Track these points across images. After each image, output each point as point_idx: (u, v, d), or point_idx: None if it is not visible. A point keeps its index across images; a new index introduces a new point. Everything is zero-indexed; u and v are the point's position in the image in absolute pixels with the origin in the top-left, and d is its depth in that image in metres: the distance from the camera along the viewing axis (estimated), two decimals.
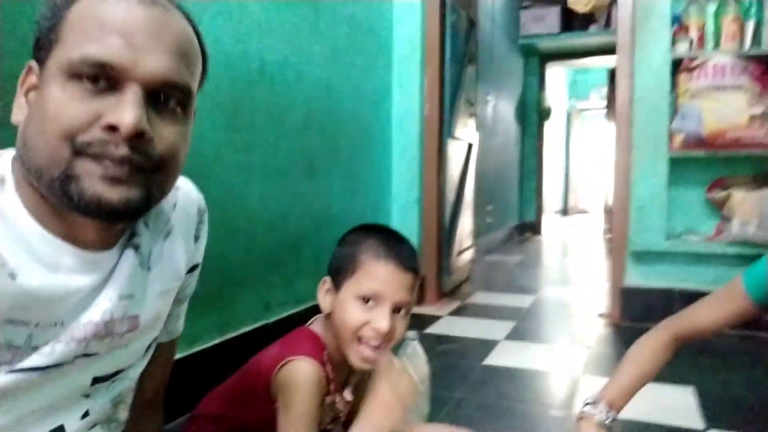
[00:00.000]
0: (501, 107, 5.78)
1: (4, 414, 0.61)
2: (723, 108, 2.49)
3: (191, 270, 0.83)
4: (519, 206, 6.97)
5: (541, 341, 2.53)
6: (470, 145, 4.08)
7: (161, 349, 0.83)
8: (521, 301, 3.31)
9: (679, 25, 2.64)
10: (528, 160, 7.12)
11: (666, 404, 1.81)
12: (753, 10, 2.53)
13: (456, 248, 3.64)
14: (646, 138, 2.67)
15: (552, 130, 8.42)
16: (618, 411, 1.22)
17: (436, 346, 2.36)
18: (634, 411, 1.70)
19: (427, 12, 3.08)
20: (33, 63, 0.64)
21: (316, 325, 1.10)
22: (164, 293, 0.77)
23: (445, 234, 3.40)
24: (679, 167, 2.67)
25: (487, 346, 2.39)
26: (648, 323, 2.64)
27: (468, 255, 4.07)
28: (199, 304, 1.77)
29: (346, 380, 1.11)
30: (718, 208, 2.67)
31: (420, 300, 3.08)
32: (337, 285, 1.05)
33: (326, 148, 2.40)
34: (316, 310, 1.02)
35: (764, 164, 2.59)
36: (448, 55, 3.24)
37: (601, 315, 2.93)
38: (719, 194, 2.64)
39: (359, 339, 1.00)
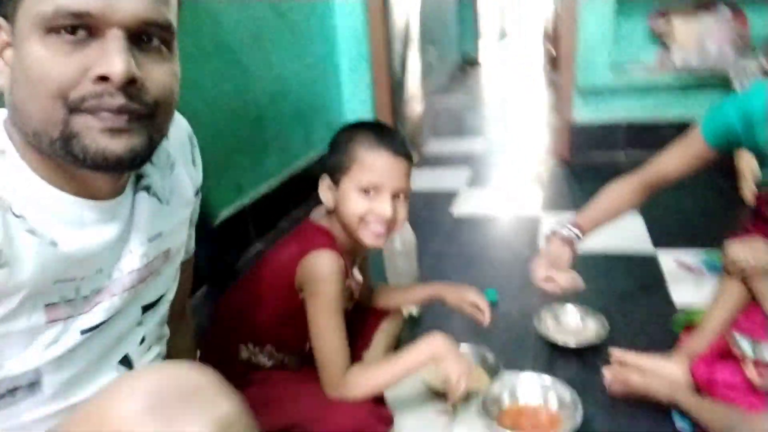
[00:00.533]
0: None
1: (81, 359, 0.69)
2: None
3: (196, 193, 0.86)
4: (459, 40, 6.86)
5: (499, 185, 2.68)
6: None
7: (183, 267, 0.89)
8: (473, 145, 3.44)
9: None
10: None
11: (616, 231, 2.02)
12: None
13: (407, 98, 3.65)
14: None
15: None
16: (584, 232, 1.39)
17: None
18: (587, 241, 1.91)
19: None
20: (1, 20, 0.61)
21: (319, 218, 1.17)
22: (183, 221, 0.82)
23: (396, 85, 3.38)
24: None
25: (451, 195, 2.53)
26: (597, 158, 2.85)
27: (419, 102, 4.08)
28: None
29: (353, 263, 1.21)
30: (661, 37, 2.74)
31: None
32: (336, 181, 1.10)
33: (271, 15, 2.29)
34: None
35: None
36: None
37: (549, 152, 3.09)
38: (661, 23, 2.70)
39: (366, 225, 1.08)
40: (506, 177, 2.84)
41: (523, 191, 2.55)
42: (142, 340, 0.78)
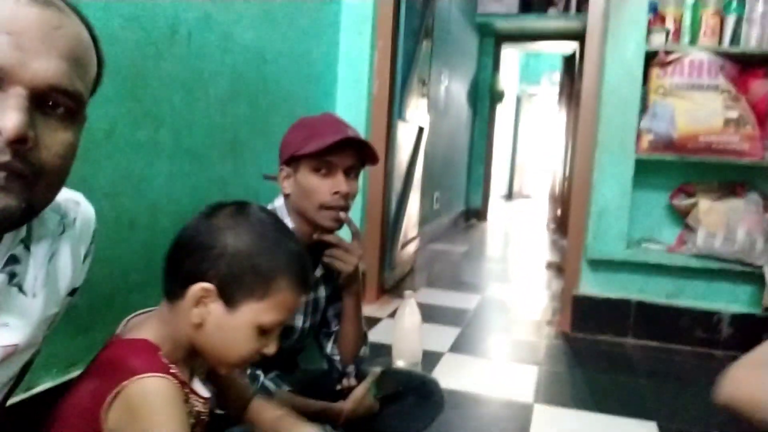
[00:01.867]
0: (453, 88, 5.51)
1: None
2: (697, 109, 2.29)
3: (71, 293, 0.79)
4: (466, 191, 6.78)
5: (488, 355, 2.30)
6: (421, 129, 3.80)
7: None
8: (466, 301, 3.09)
9: (655, 14, 2.41)
10: (478, 144, 6.92)
11: None
12: (734, 4, 2.33)
13: (401, 240, 3.38)
14: (612, 137, 2.44)
15: (502, 114, 8.25)
16: None
17: (375, 357, 2.08)
18: None
19: None
20: None
21: (137, 325, 0.84)
22: (47, 319, 0.73)
23: (390, 225, 3.13)
24: (645, 170, 2.46)
25: (431, 359, 2.14)
26: (601, 335, 2.49)
27: (412, 247, 3.82)
28: (81, 318, 1.42)
29: (191, 374, 0.87)
30: (682, 215, 2.49)
31: None
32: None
33: (254, 125, 2.05)
34: None
35: (734, 172, 2.41)
36: (402, 29, 2.93)
37: (549, 322, 2.74)
38: (684, 201, 2.46)
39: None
40: (498, 346, 2.44)
41: (514, 367, 2.16)
42: None
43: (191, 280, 0.79)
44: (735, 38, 2.34)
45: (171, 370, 0.77)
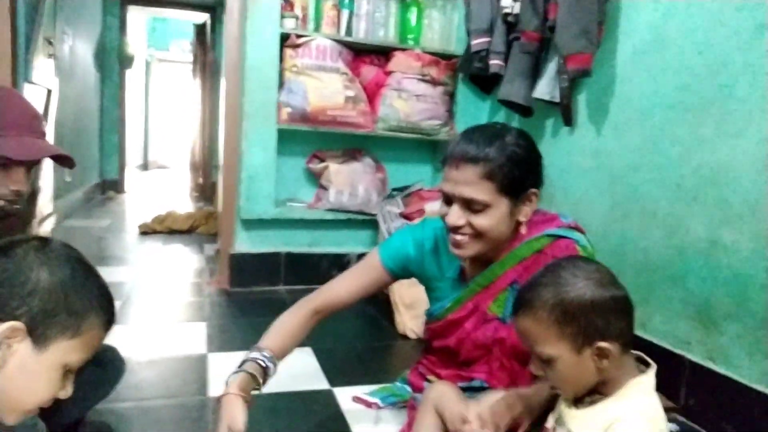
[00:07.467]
0: (79, 49, 5.05)
1: None
2: (324, 87, 2.71)
3: None
4: (100, 162, 6.33)
5: (156, 320, 2.35)
6: (49, 92, 3.46)
7: None
8: (119, 274, 3.02)
9: (286, 1, 2.73)
10: (109, 111, 6.49)
11: (290, 368, 1.91)
12: (346, 1, 2.80)
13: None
14: (256, 109, 2.70)
15: (132, 79, 7.85)
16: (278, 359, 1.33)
17: None
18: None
19: None
20: None
21: None
22: None
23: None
24: (286, 138, 2.81)
25: None
26: (257, 287, 2.78)
27: (49, 223, 3.49)
28: None
29: None
30: (317, 177, 2.94)
31: None
32: None
33: None
34: None
35: (353, 140, 2.95)
36: None
37: (209, 283, 2.91)
38: (318, 165, 2.90)
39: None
40: (164, 312, 2.50)
41: (184, 328, 2.28)
42: None
43: None
44: (349, 29, 2.84)
45: None
